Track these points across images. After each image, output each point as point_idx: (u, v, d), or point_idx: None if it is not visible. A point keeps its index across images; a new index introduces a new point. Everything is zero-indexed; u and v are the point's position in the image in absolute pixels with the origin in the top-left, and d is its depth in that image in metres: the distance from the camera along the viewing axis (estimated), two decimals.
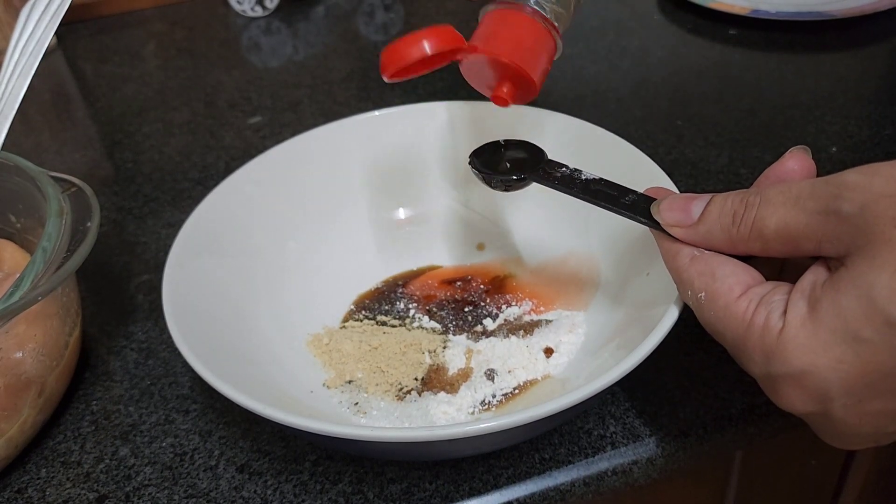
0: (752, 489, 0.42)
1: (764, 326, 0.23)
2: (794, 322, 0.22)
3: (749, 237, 0.24)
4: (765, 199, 0.24)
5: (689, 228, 0.26)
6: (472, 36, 0.33)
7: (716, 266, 0.25)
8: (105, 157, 0.59)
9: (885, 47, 0.61)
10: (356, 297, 0.41)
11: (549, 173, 0.32)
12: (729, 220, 0.25)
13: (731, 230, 0.25)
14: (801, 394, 0.23)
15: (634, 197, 0.29)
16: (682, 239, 0.27)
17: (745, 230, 0.24)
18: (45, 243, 0.32)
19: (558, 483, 0.31)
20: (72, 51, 0.78)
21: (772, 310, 0.23)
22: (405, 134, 0.44)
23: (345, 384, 0.36)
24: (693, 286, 0.26)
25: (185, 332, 0.30)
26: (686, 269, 0.26)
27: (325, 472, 0.32)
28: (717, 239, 0.25)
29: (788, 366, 0.22)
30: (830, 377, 0.22)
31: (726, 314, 0.24)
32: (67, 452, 0.35)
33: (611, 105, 0.57)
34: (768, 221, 0.24)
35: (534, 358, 0.35)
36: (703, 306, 0.25)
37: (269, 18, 0.80)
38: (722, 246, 0.26)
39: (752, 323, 0.23)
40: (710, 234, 0.26)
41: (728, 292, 0.25)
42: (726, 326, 0.24)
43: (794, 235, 0.23)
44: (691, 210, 0.26)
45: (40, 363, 0.33)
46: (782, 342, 0.22)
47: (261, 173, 0.41)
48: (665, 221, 0.27)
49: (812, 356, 0.22)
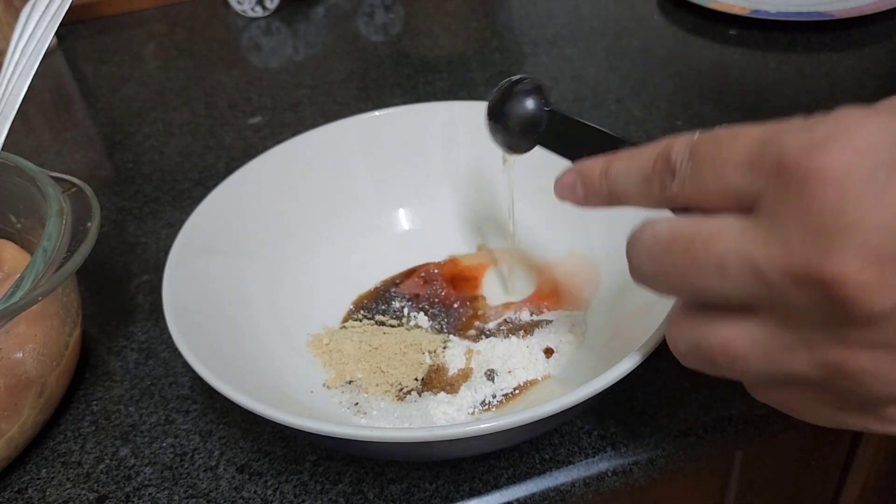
0: (752, 490, 0.42)
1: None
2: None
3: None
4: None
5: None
6: None
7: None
8: (105, 157, 0.59)
9: (885, 48, 0.61)
10: (356, 298, 0.41)
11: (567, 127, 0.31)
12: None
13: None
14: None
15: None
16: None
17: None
18: (46, 243, 0.32)
19: (558, 483, 0.31)
20: (72, 51, 0.78)
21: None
22: (405, 134, 0.44)
23: (345, 384, 0.36)
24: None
25: (185, 333, 0.30)
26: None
27: (325, 473, 0.32)
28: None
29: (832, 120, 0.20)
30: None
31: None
32: (68, 452, 0.35)
33: (611, 105, 0.57)
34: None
35: (534, 358, 0.35)
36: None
37: (270, 19, 0.80)
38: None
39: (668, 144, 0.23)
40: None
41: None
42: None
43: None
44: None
45: (41, 363, 0.34)
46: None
47: (261, 174, 0.41)
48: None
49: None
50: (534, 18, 0.73)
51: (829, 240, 0.18)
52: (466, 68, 0.65)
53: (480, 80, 0.63)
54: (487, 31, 0.72)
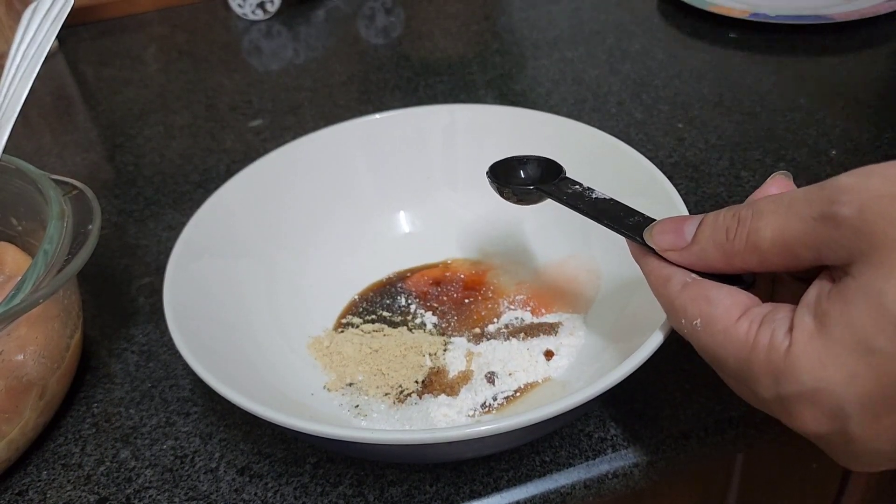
0: (753, 492, 0.42)
1: (769, 346, 0.22)
2: (802, 338, 0.21)
3: (745, 251, 0.24)
4: (757, 211, 0.23)
5: (683, 251, 0.26)
6: None
7: (709, 290, 0.24)
8: (106, 160, 0.59)
9: (884, 51, 0.61)
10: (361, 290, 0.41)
11: (560, 188, 0.32)
12: (723, 237, 0.24)
13: (725, 246, 0.24)
14: (815, 413, 0.22)
15: (640, 219, 0.29)
16: (676, 262, 0.26)
17: (741, 244, 0.24)
18: (47, 246, 0.32)
19: (559, 485, 0.31)
20: (73, 54, 0.78)
21: (776, 328, 0.22)
22: (406, 137, 0.44)
23: (345, 387, 0.36)
24: (686, 313, 0.25)
25: (186, 335, 0.30)
26: (677, 295, 0.25)
27: (325, 475, 0.32)
28: (712, 257, 0.25)
29: (800, 384, 0.21)
30: (845, 393, 0.21)
31: (726, 338, 0.23)
32: (68, 455, 0.35)
33: (611, 108, 0.57)
34: (763, 233, 0.23)
35: (534, 361, 0.35)
36: (700, 333, 0.24)
37: (270, 22, 0.80)
38: (718, 264, 0.25)
39: (756, 344, 0.22)
40: (704, 253, 0.25)
41: (726, 315, 0.24)
42: (727, 351, 0.23)
43: (790, 245, 0.22)
44: (684, 232, 0.26)
45: (41, 365, 0.34)
46: (791, 360, 0.21)
47: (262, 176, 0.41)
48: (659, 246, 0.26)
49: (824, 372, 0.21)
50: (534, 21, 0.74)
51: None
52: (467, 71, 0.65)
53: (481, 82, 0.63)
54: (488, 34, 0.72)
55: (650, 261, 0.27)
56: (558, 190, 0.32)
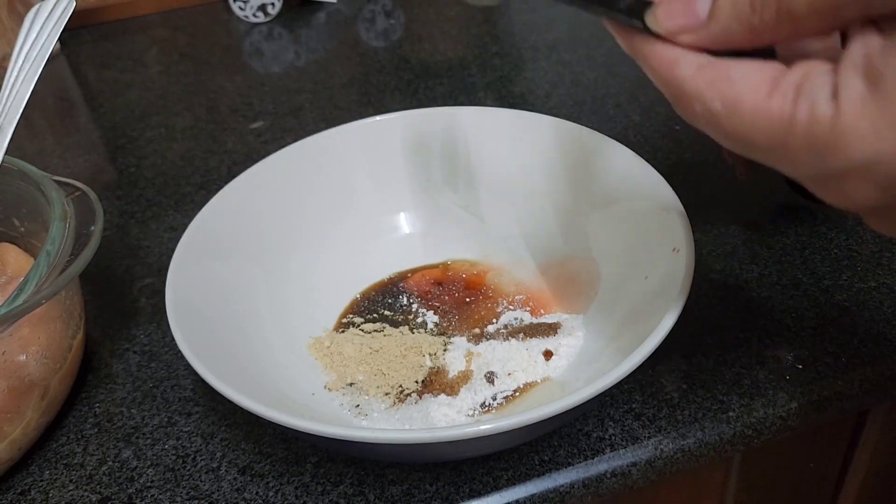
0: (751, 491, 0.42)
1: (810, 119, 0.19)
2: (851, 105, 0.18)
3: (776, 20, 0.20)
4: None
5: (699, 30, 0.22)
6: None
7: (730, 68, 0.21)
8: (108, 161, 0.59)
9: None
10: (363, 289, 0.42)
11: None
12: (747, 9, 0.21)
13: (751, 20, 0.21)
14: (866, 187, 0.19)
15: (631, 1, 0.24)
16: (691, 45, 0.22)
17: (770, 13, 0.20)
18: (49, 247, 0.32)
19: (558, 485, 0.31)
20: (75, 56, 0.78)
21: (816, 97, 0.19)
22: (406, 139, 0.44)
23: (346, 387, 0.36)
24: (703, 97, 0.21)
25: (187, 335, 0.31)
26: (691, 79, 0.22)
27: (326, 474, 0.33)
28: (737, 35, 0.21)
29: (850, 158, 0.19)
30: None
31: (755, 118, 0.20)
32: (70, 455, 0.35)
33: (609, 110, 0.57)
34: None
35: (533, 361, 0.36)
36: (722, 117, 0.21)
37: (271, 24, 0.80)
38: (743, 41, 0.21)
39: (794, 119, 0.19)
40: (726, 32, 0.21)
41: (754, 92, 0.20)
42: (759, 132, 0.20)
43: (833, 3, 0.19)
44: (696, 8, 0.22)
45: (44, 366, 0.34)
46: (839, 131, 0.19)
47: (263, 178, 0.41)
48: (668, 28, 0.22)
49: (879, 141, 0.18)
50: (533, 24, 0.74)
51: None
52: (467, 73, 0.65)
53: (480, 85, 0.63)
54: (487, 37, 0.72)
55: (650, 44, 0.23)
56: None
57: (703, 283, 0.39)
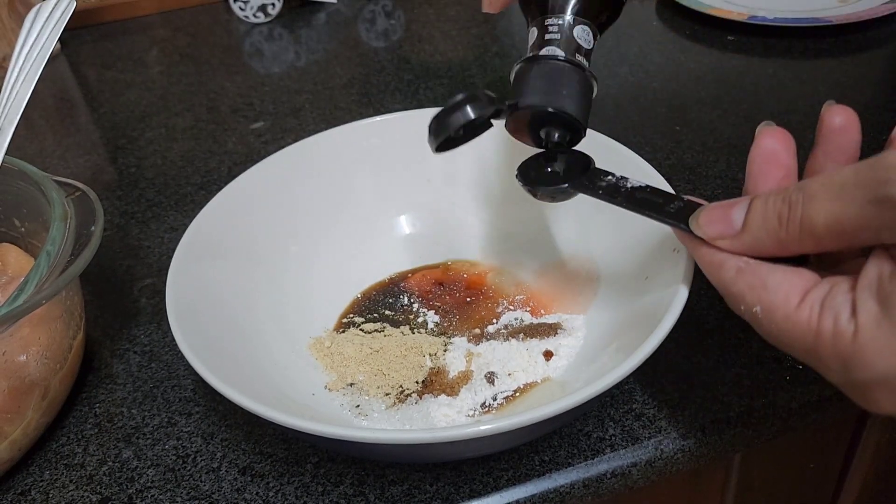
0: (751, 491, 0.42)
1: (834, 333, 0.22)
2: (868, 324, 0.21)
3: (800, 238, 0.23)
4: (808, 194, 0.22)
5: (734, 239, 0.25)
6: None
7: (766, 275, 0.24)
8: (108, 161, 0.59)
9: (881, 53, 0.62)
10: (364, 289, 0.42)
11: (593, 182, 0.31)
12: (775, 224, 0.23)
13: (779, 233, 0.23)
14: (890, 396, 0.21)
15: (681, 204, 0.28)
16: (729, 250, 0.25)
17: (795, 231, 0.23)
18: (49, 247, 0.32)
19: (558, 485, 0.31)
20: (75, 56, 0.78)
21: (839, 313, 0.22)
22: (406, 139, 0.44)
23: (346, 387, 0.36)
24: (745, 300, 0.24)
25: (188, 335, 0.31)
26: (733, 282, 0.25)
27: (326, 475, 0.33)
28: (766, 245, 0.24)
29: (872, 371, 0.21)
30: None
31: (788, 326, 0.23)
32: (70, 455, 0.35)
33: (609, 111, 0.57)
34: (817, 219, 0.22)
35: (533, 361, 0.36)
36: (762, 320, 0.24)
37: (272, 25, 0.80)
38: (772, 251, 0.24)
39: (821, 331, 0.22)
40: (757, 242, 0.24)
41: (785, 302, 0.23)
42: (792, 338, 0.23)
43: (847, 229, 0.22)
44: (732, 219, 0.25)
45: (44, 366, 0.34)
46: (859, 347, 0.21)
47: (263, 178, 0.41)
48: (708, 236, 0.26)
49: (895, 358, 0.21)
50: None
51: None
52: (467, 74, 0.65)
53: (480, 85, 0.63)
54: (487, 37, 0.73)
55: (699, 247, 0.26)
56: (592, 184, 0.30)
57: (703, 284, 0.39)
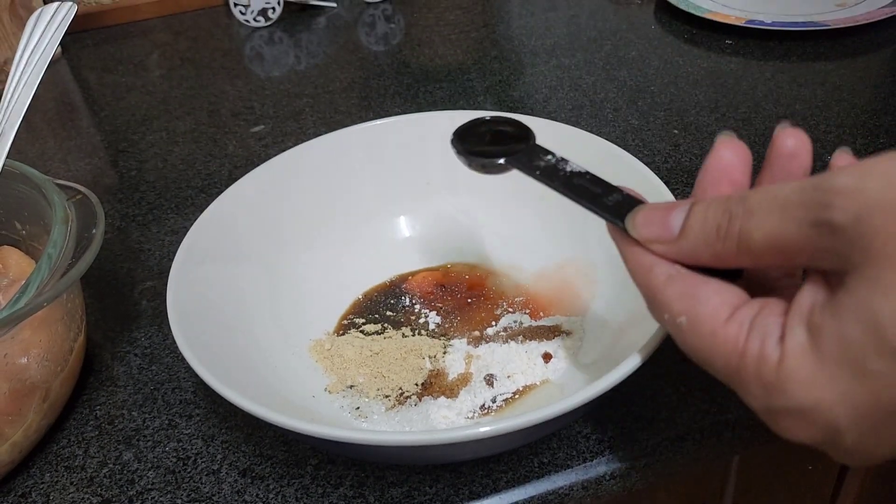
0: (749, 494, 0.43)
1: (759, 356, 0.21)
2: (795, 353, 0.20)
3: (737, 252, 0.22)
4: (748, 208, 0.21)
5: (670, 244, 0.24)
6: None
7: (696, 286, 0.23)
8: (109, 165, 0.59)
9: (879, 57, 0.62)
10: (365, 290, 0.42)
11: (531, 160, 0.29)
12: (713, 235, 0.22)
13: (715, 245, 0.22)
14: (806, 428, 0.21)
15: (619, 197, 0.26)
16: (663, 255, 0.24)
17: (732, 245, 0.22)
18: (51, 250, 0.33)
19: (557, 487, 0.32)
20: (76, 60, 0.78)
21: (766, 335, 0.21)
22: (406, 143, 0.45)
23: (346, 389, 0.36)
24: (671, 309, 0.23)
25: (188, 338, 0.31)
26: (661, 288, 0.23)
27: (326, 476, 0.33)
28: (702, 255, 0.23)
29: (791, 401, 0.20)
30: (839, 412, 0.20)
31: (714, 341, 0.22)
32: (71, 457, 0.35)
33: (608, 114, 0.57)
34: (755, 234, 0.21)
35: (532, 363, 0.36)
36: (685, 332, 0.23)
37: (272, 29, 0.80)
38: (707, 261, 0.23)
39: (746, 351, 0.21)
40: (693, 251, 0.23)
41: (713, 316, 0.22)
42: (714, 354, 0.22)
43: (784, 249, 0.21)
44: (670, 223, 0.24)
45: (45, 368, 0.34)
46: (783, 375, 0.20)
47: (263, 181, 0.41)
48: (643, 237, 0.24)
49: (817, 391, 0.20)
50: (532, 28, 0.74)
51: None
52: (466, 78, 0.66)
53: (480, 89, 0.64)
54: (487, 42, 0.73)
55: (629, 245, 0.25)
56: (529, 162, 0.29)
57: None
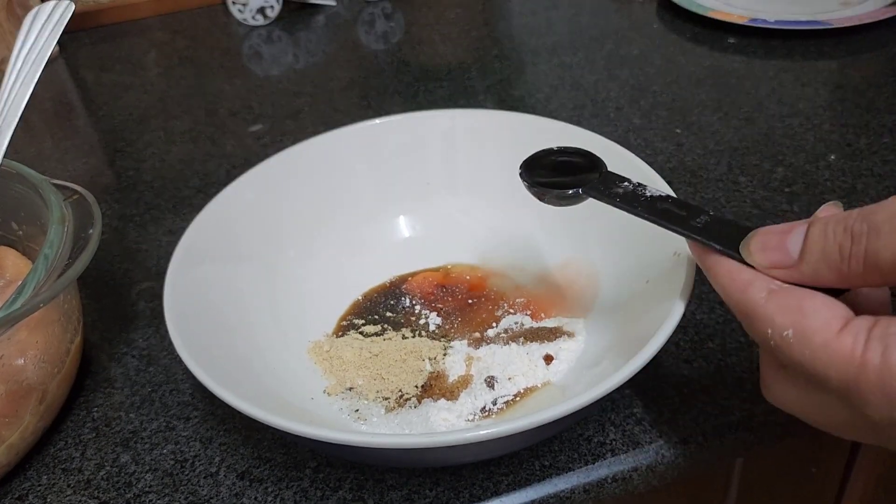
0: (752, 497, 0.42)
1: (882, 365, 0.20)
2: None
3: (864, 272, 0.21)
4: (873, 227, 0.21)
5: (791, 269, 0.23)
6: None
7: (803, 299, 0.22)
8: (106, 164, 0.59)
9: (882, 56, 0.62)
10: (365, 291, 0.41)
11: (608, 188, 0.29)
12: (836, 256, 0.22)
13: (840, 266, 0.22)
14: None
15: (707, 218, 0.26)
16: (783, 280, 0.23)
17: (858, 265, 0.21)
18: (47, 250, 0.32)
19: (558, 490, 0.31)
20: (74, 59, 0.78)
21: (889, 344, 0.20)
22: (406, 142, 0.44)
23: (345, 391, 0.36)
24: (774, 323, 0.23)
25: (186, 339, 0.31)
26: (763, 304, 0.23)
27: (325, 479, 0.32)
28: (825, 277, 0.22)
29: None
30: None
31: (827, 353, 0.21)
32: (68, 459, 0.35)
33: (610, 113, 0.57)
34: (883, 253, 0.21)
35: (533, 365, 0.35)
36: (792, 346, 0.22)
37: (270, 27, 0.80)
38: (832, 283, 0.23)
39: (866, 361, 0.20)
40: (816, 274, 0.23)
41: (825, 327, 0.21)
42: (828, 367, 0.21)
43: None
44: (788, 248, 0.23)
45: (42, 370, 0.34)
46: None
47: (262, 181, 0.41)
48: (761, 264, 0.24)
49: None
50: (533, 27, 0.74)
51: None
52: (466, 76, 0.65)
53: (480, 88, 0.63)
54: (487, 40, 0.72)
55: (724, 263, 0.25)
56: (606, 190, 0.28)
57: (705, 287, 0.39)
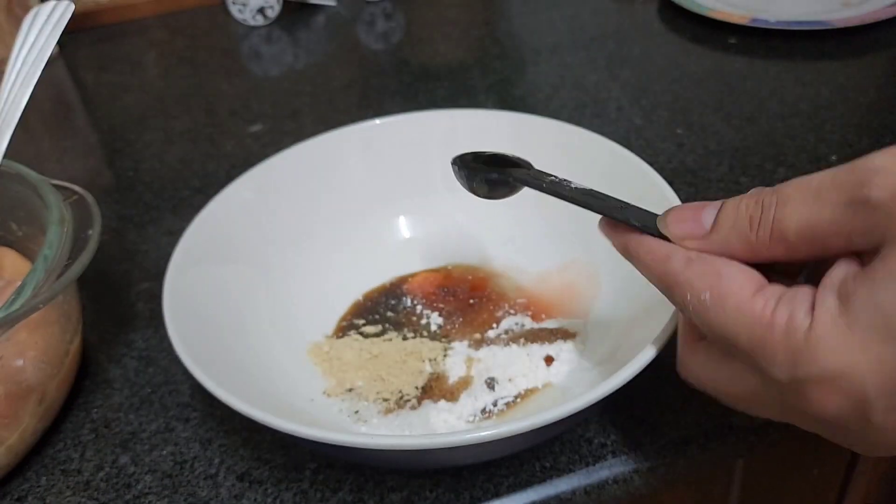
0: (754, 499, 0.42)
1: (787, 325, 0.21)
2: (825, 318, 0.20)
3: (770, 241, 0.22)
4: (782, 197, 0.22)
5: (702, 239, 0.24)
6: None
7: (720, 265, 0.23)
8: (106, 165, 0.59)
9: (883, 56, 0.62)
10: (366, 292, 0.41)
11: (536, 178, 0.30)
12: (746, 226, 0.23)
13: (749, 236, 0.23)
14: (835, 397, 0.21)
15: (627, 204, 0.28)
16: (695, 250, 0.25)
17: (765, 234, 0.22)
18: (47, 251, 0.32)
19: (559, 491, 0.31)
20: (73, 59, 0.78)
21: (795, 307, 0.21)
22: (406, 142, 0.44)
23: (345, 392, 0.36)
24: (693, 287, 0.23)
25: (185, 340, 0.30)
26: (681, 270, 0.24)
27: (325, 481, 0.32)
28: (735, 247, 0.23)
29: (820, 367, 0.20)
30: (869, 378, 0.20)
31: (739, 314, 0.22)
32: (67, 460, 0.35)
33: (611, 113, 0.57)
34: (789, 222, 0.22)
35: (534, 366, 0.35)
36: (708, 308, 0.23)
37: (270, 27, 0.80)
38: (741, 254, 0.23)
39: (773, 322, 0.21)
40: (726, 243, 0.24)
41: (739, 290, 0.22)
42: (740, 327, 0.22)
43: (819, 234, 0.21)
44: (702, 219, 0.24)
45: (41, 371, 0.34)
46: (812, 341, 0.20)
47: (261, 181, 0.41)
48: (675, 234, 0.25)
49: (848, 356, 0.20)
50: (534, 26, 0.74)
51: None
52: (467, 76, 0.65)
53: (481, 88, 0.63)
54: (488, 40, 0.72)
55: (644, 240, 0.26)
56: (536, 178, 0.30)
57: None
